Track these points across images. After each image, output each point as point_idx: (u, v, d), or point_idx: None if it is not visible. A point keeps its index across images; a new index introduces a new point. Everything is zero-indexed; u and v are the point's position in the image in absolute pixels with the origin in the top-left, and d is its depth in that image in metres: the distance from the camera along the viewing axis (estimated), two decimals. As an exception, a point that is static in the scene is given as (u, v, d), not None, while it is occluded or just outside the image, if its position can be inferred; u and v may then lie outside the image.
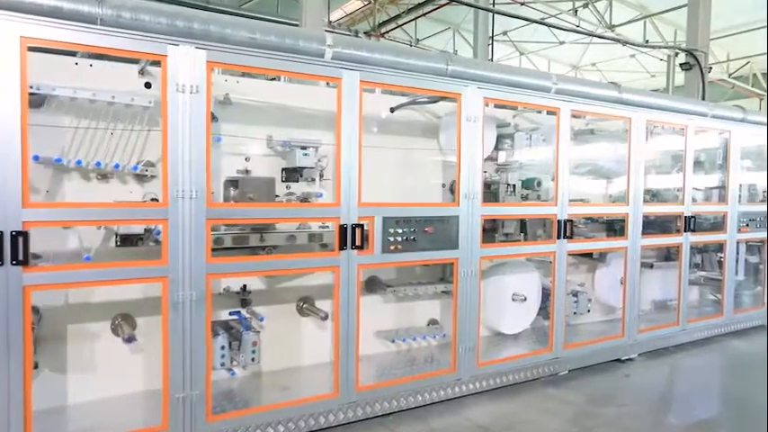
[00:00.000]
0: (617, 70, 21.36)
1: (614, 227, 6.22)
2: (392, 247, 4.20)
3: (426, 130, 5.44)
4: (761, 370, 5.72)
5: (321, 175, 4.78)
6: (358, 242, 4.01)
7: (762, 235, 7.14)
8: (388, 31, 18.45)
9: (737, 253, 7.06)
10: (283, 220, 4.00)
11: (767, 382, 5.04)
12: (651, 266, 6.84)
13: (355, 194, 4.02)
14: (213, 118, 4.31)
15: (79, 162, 3.67)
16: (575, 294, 5.92)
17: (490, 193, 5.45)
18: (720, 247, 6.96)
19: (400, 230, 4.22)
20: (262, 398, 4.19)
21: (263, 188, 4.17)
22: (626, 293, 5.80)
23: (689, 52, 12.03)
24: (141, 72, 4.01)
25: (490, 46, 16.20)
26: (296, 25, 9.04)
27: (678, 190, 7.58)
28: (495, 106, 5.97)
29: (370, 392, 4.25)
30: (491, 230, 5.42)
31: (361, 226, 4.03)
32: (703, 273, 7.37)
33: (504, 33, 19.31)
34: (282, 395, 4.22)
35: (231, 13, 8.80)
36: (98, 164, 3.72)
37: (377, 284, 5.12)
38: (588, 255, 6.31)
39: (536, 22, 13.16)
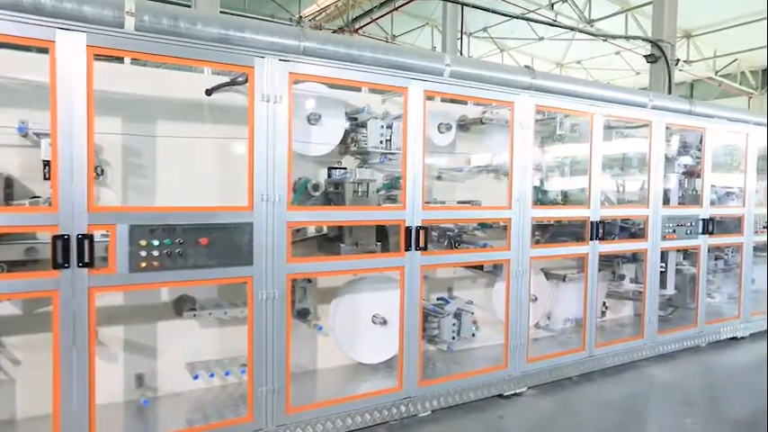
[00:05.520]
0: (601, 68, 20.48)
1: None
2: (144, 264, 3.23)
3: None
4: (678, 405, 4.71)
5: (101, 172, 3.89)
6: (87, 258, 3.07)
7: (693, 242, 6.11)
8: (362, 27, 17.72)
9: (666, 263, 6.04)
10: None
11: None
12: (564, 279, 5.85)
13: (84, 196, 3.06)
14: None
15: None
16: (456, 316, 4.96)
17: (338, 193, 4.49)
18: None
19: (157, 242, 3.25)
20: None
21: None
22: (508, 315, 4.79)
23: (654, 43, 10.97)
24: None
25: (459, 40, 15.36)
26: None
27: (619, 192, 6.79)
28: (371, 91, 5.09)
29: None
30: (336, 239, 4.47)
31: (91, 237, 3.08)
32: (632, 286, 6.33)
33: (485, 30, 18.47)
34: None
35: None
36: None
37: (186, 305, 4.18)
38: (480, 267, 5.32)
39: (505, 14, 12.21)
